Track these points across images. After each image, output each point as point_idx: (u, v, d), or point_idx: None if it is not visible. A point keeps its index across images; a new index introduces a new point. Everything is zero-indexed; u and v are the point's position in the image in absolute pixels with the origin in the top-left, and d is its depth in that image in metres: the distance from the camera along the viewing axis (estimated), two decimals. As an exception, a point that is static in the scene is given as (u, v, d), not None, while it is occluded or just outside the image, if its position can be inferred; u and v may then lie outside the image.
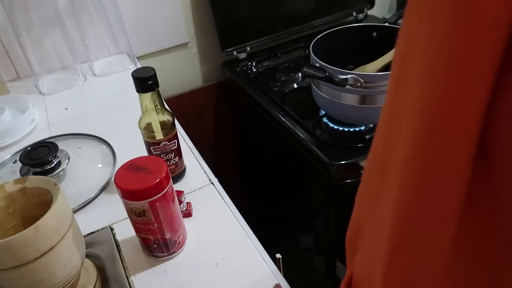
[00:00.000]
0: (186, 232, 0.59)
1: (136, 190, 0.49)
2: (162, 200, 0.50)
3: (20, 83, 1.03)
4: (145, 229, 0.52)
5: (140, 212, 0.50)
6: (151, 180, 0.49)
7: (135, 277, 0.55)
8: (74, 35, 1.02)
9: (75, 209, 0.66)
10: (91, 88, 1.00)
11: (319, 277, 1.01)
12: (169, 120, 0.63)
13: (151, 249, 0.55)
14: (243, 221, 0.63)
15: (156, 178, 0.49)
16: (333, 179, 0.76)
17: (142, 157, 0.53)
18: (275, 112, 0.92)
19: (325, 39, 0.88)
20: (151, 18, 1.09)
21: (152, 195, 0.49)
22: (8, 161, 0.77)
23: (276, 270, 0.55)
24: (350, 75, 0.74)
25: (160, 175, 0.49)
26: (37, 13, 0.96)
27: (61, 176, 0.71)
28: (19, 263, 0.41)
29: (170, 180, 0.52)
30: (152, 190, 0.49)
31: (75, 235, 0.47)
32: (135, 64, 1.06)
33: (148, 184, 0.48)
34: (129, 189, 0.49)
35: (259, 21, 1.16)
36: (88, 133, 0.82)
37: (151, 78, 0.57)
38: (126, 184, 0.49)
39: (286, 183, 1.06)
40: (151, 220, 0.51)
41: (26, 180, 0.48)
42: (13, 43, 0.98)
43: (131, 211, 0.51)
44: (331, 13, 1.24)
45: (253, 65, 1.13)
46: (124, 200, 0.50)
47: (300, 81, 1.03)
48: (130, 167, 0.51)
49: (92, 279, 0.53)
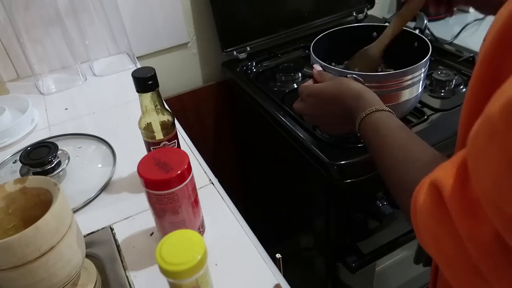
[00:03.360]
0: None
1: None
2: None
3: (20, 83, 1.03)
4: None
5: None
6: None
7: (135, 277, 0.55)
8: (74, 35, 1.02)
9: (75, 209, 0.66)
10: (91, 88, 1.00)
11: (319, 277, 1.01)
12: (169, 120, 0.63)
13: None
14: (243, 221, 0.63)
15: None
16: (333, 179, 0.76)
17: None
18: (275, 112, 0.92)
19: (325, 39, 0.87)
20: (151, 18, 1.09)
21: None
22: (8, 161, 0.77)
23: (276, 270, 0.55)
24: (350, 74, 0.74)
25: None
26: (37, 13, 0.96)
27: (61, 176, 0.71)
28: (19, 263, 0.41)
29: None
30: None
31: (75, 235, 0.47)
32: (135, 64, 1.06)
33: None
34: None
35: (259, 21, 1.16)
36: (88, 133, 0.82)
37: (151, 78, 0.57)
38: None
39: (286, 183, 1.06)
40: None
41: (26, 180, 0.47)
42: (13, 43, 0.98)
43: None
44: (331, 13, 1.24)
45: (253, 65, 1.13)
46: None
47: (300, 81, 1.03)
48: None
49: (92, 279, 0.52)
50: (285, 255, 0.57)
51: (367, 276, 1.02)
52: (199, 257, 0.42)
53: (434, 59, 1.05)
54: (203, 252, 0.43)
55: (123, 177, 0.72)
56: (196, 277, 0.43)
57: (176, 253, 0.42)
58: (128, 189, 0.69)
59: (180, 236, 0.45)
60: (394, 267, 1.05)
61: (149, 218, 0.63)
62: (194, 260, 0.41)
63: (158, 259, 0.42)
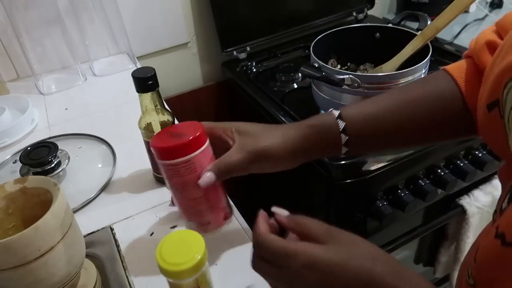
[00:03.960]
0: None
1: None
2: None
3: (20, 83, 1.03)
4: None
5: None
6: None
7: (135, 277, 0.55)
8: (74, 35, 1.02)
9: (75, 209, 0.66)
10: (91, 88, 1.00)
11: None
12: (169, 120, 0.63)
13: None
14: (243, 221, 0.63)
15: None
16: (333, 179, 0.76)
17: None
18: (275, 112, 0.92)
19: (325, 39, 0.87)
20: (151, 18, 1.09)
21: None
22: (8, 161, 0.77)
23: (276, 270, 0.55)
24: (347, 75, 0.74)
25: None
26: (37, 13, 0.96)
27: (61, 176, 0.71)
28: (19, 263, 0.41)
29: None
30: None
31: (75, 235, 0.47)
32: (135, 64, 1.06)
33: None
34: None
35: (259, 21, 1.16)
36: (88, 133, 0.82)
37: (151, 78, 0.57)
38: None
39: (286, 183, 1.06)
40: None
41: (26, 180, 0.47)
42: (13, 43, 0.98)
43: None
44: (331, 13, 1.24)
45: (253, 65, 1.13)
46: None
47: (300, 81, 1.03)
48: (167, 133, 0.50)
49: (92, 279, 0.52)
50: (285, 255, 0.57)
51: (367, 276, 1.02)
52: (199, 257, 0.42)
53: (434, 59, 1.05)
54: (203, 252, 0.42)
55: (123, 177, 0.72)
56: (196, 277, 0.43)
57: (176, 253, 0.42)
58: (128, 189, 0.69)
59: (180, 236, 0.44)
60: (394, 267, 1.05)
61: (149, 218, 0.63)
62: (194, 260, 0.41)
63: (158, 259, 0.42)
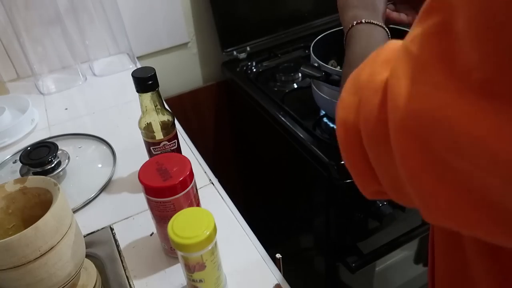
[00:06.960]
0: None
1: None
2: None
3: (20, 83, 1.03)
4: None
5: None
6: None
7: (135, 277, 0.55)
8: (74, 35, 1.02)
9: (75, 209, 0.66)
10: (91, 88, 1.00)
11: (319, 277, 1.01)
12: (169, 120, 0.63)
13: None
14: (243, 221, 0.63)
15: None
16: (333, 179, 0.76)
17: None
18: (275, 112, 0.92)
19: (325, 39, 0.87)
20: (151, 18, 1.09)
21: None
22: (8, 161, 0.77)
23: (276, 270, 0.55)
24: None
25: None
26: (37, 13, 0.96)
27: (61, 176, 0.71)
28: (19, 263, 0.41)
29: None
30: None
31: (75, 235, 0.47)
32: (135, 64, 1.06)
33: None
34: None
35: (259, 21, 1.16)
36: (88, 133, 0.82)
37: (151, 78, 0.57)
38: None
39: (286, 183, 1.06)
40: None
41: (26, 180, 0.48)
42: (13, 43, 0.98)
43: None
44: (331, 13, 1.24)
45: (253, 65, 1.13)
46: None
47: (300, 81, 1.03)
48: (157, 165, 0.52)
49: (92, 279, 0.53)
50: (285, 255, 0.57)
51: (367, 276, 1.02)
52: (208, 233, 0.44)
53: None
54: (212, 229, 0.45)
55: (123, 177, 0.72)
56: (201, 253, 0.45)
57: (187, 228, 0.45)
58: (128, 189, 0.69)
59: (193, 213, 0.47)
60: (394, 267, 1.05)
61: (149, 218, 0.63)
62: (203, 236, 0.44)
63: (169, 230, 0.45)
